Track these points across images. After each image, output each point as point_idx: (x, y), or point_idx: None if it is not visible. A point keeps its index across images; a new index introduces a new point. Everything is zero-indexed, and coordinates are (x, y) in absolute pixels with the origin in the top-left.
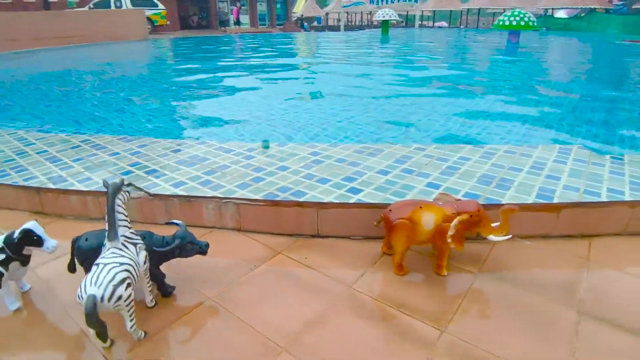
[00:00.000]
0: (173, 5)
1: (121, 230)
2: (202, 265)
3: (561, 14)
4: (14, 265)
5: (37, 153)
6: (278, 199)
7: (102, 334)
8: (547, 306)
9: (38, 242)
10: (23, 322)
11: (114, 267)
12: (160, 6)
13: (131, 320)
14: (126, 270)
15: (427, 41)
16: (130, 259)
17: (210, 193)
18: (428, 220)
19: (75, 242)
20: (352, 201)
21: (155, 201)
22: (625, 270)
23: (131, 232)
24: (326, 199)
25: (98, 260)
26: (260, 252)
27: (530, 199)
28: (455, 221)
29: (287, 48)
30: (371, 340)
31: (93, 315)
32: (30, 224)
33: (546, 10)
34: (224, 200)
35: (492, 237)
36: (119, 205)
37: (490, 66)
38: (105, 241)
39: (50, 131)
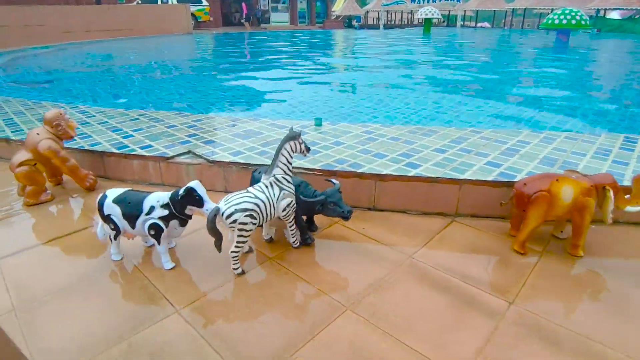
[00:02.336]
0: (217, 3)
1: (276, 171)
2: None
3: (614, 15)
4: (174, 223)
5: (99, 123)
6: (336, 169)
7: (216, 243)
8: (626, 289)
9: (199, 202)
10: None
11: (247, 197)
12: (205, 3)
13: (235, 246)
14: (255, 204)
15: (470, 40)
16: (267, 198)
17: (268, 162)
18: (567, 193)
19: (253, 172)
20: (411, 174)
21: (214, 168)
22: None
23: (284, 177)
24: (384, 172)
25: (249, 187)
26: (316, 221)
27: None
28: (611, 194)
29: (331, 43)
30: (438, 307)
31: (210, 222)
32: (194, 183)
33: (598, 11)
34: None
35: (629, 209)
36: (285, 150)
37: (538, 64)
38: (263, 174)
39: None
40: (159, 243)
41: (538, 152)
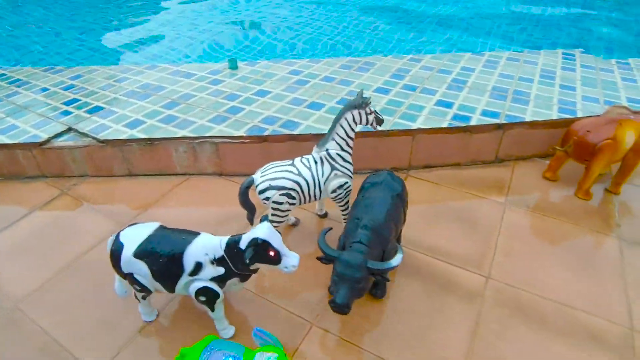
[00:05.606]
0: None
1: (330, 145)
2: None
3: None
4: (233, 280)
5: None
6: (266, 133)
7: (248, 217)
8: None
9: (275, 259)
10: None
11: (288, 173)
12: None
13: (271, 222)
14: (295, 182)
15: None
16: (313, 176)
17: (179, 132)
18: (630, 137)
19: None
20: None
21: (108, 149)
22: None
23: (339, 154)
24: (325, 130)
25: (296, 158)
26: None
27: (554, 114)
28: None
29: None
30: (422, 298)
31: (242, 195)
32: (264, 231)
33: None
34: (197, 141)
35: None
36: (346, 120)
37: None
38: (315, 147)
39: None
40: (212, 310)
41: (486, 82)
